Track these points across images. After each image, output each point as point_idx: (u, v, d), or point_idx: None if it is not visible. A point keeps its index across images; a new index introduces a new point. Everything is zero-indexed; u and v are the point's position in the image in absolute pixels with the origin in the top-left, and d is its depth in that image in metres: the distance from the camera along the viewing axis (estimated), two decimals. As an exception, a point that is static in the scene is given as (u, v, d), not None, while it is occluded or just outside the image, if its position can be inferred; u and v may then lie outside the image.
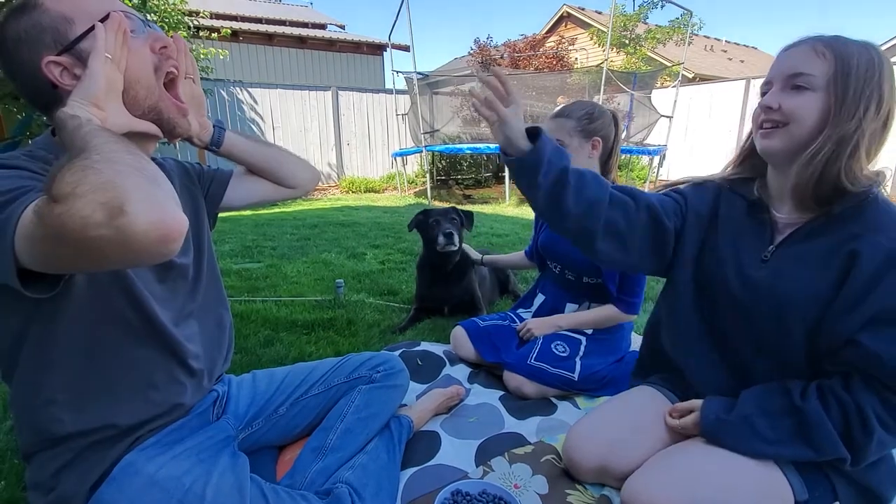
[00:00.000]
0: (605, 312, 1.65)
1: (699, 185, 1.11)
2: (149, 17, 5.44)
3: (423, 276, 2.26)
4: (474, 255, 2.29)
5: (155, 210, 0.50)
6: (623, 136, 8.00)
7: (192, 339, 0.95)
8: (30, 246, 0.54)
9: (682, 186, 1.13)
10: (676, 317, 1.09)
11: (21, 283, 0.58)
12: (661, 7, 10.24)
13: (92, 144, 0.54)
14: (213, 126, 1.05)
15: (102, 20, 0.72)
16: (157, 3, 5.56)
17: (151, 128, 0.79)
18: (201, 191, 1.09)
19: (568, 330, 1.67)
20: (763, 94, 0.92)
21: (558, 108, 1.63)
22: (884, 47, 10.04)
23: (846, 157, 0.83)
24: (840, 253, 0.84)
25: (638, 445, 1.04)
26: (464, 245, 2.31)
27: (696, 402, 1.01)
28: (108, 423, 0.82)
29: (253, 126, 8.20)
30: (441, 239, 2.08)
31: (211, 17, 8.39)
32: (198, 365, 0.96)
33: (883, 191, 0.88)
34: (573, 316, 1.69)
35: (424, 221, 2.18)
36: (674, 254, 1.07)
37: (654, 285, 2.76)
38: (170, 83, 0.82)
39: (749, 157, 1.01)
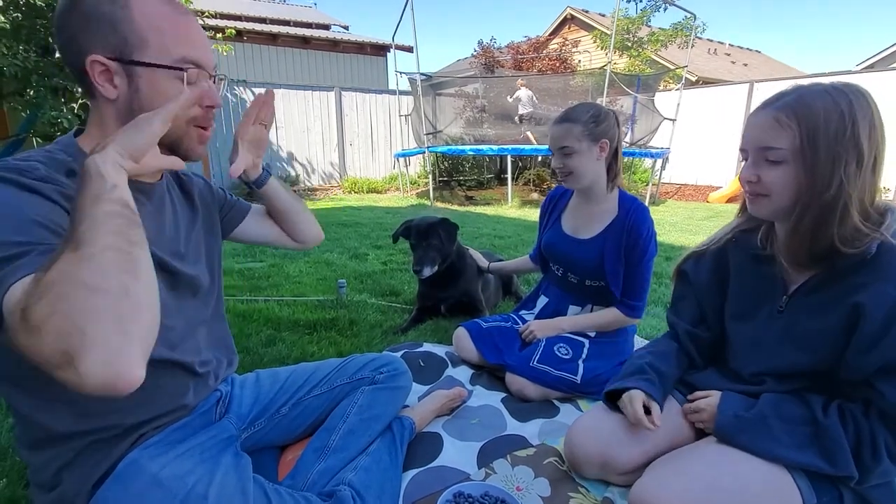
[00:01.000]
0: (609, 316, 1.65)
1: (698, 259, 1.12)
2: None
3: None
4: (481, 262, 2.30)
5: (109, 367, 0.50)
6: (626, 138, 8.05)
7: (199, 345, 0.96)
8: (8, 324, 0.54)
9: (684, 266, 1.15)
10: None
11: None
12: (664, 10, 10.24)
13: (90, 241, 0.53)
14: (263, 169, 1.10)
15: (177, 67, 0.73)
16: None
17: (177, 163, 0.76)
18: (219, 213, 1.11)
19: (571, 333, 1.67)
20: (744, 159, 0.92)
21: (562, 111, 1.62)
22: (884, 54, 9.95)
23: (836, 223, 0.82)
24: (847, 303, 0.84)
25: (640, 440, 1.05)
26: (470, 251, 2.32)
27: (714, 392, 1.01)
28: (111, 424, 0.82)
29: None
30: (414, 269, 2.10)
31: (216, 17, 8.41)
32: (203, 369, 0.96)
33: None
34: (576, 319, 1.69)
35: (406, 236, 2.20)
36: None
37: (656, 288, 2.75)
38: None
39: None
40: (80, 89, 0.89)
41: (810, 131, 0.80)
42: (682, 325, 1.13)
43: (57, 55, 4.84)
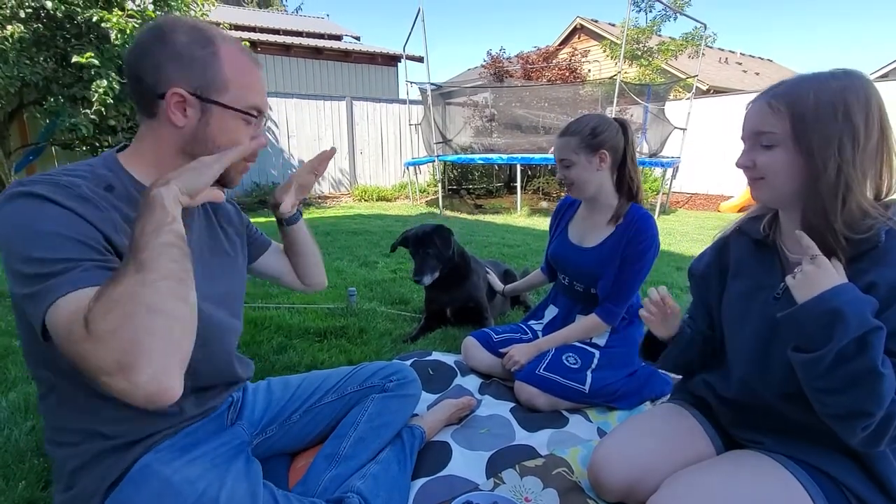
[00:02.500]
0: (587, 323, 1.65)
1: (702, 255, 1.14)
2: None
3: None
4: (496, 286, 2.33)
5: (156, 382, 0.58)
6: (638, 148, 8.01)
7: (226, 356, 1.01)
8: (55, 332, 0.62)
9: (691, 266, 1.16)
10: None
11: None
12: (674, 19, 10.25)
13: (153, 268, 0.61)
14: (297, 209, 1.18)
15: (247, 112, 0.82)
16: (178, 16, 5.71)
17: (218, 196, 0.82)
18: (245, 240, 1.15)
19: (583, 343, 1.67)
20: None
21: (566, 124, 1.64)
22: (887, 69, 9.80)
23: (840, 208, 0.81)
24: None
25: (667, 471, 1.01)
26: (490, 275, 2.35)
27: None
28: (131, 438, 0.86)
29: (268, 134, 8.34)
30: (414, 278, 2.14)
31: (230, 29, 8.57)
32: (226, 377, 1.01)
33: None
34: (555, 335, 1.70)
35: (405, 246, 2.24)
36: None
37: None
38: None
39: None
40: (135, 105, 0.92)
41: (799, 114, 0.82)
42: (696, 327, 1.13)
43: (74, 61, 4.93)
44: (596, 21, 14.19)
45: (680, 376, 1.23)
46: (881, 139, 0.81)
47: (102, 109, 5.24)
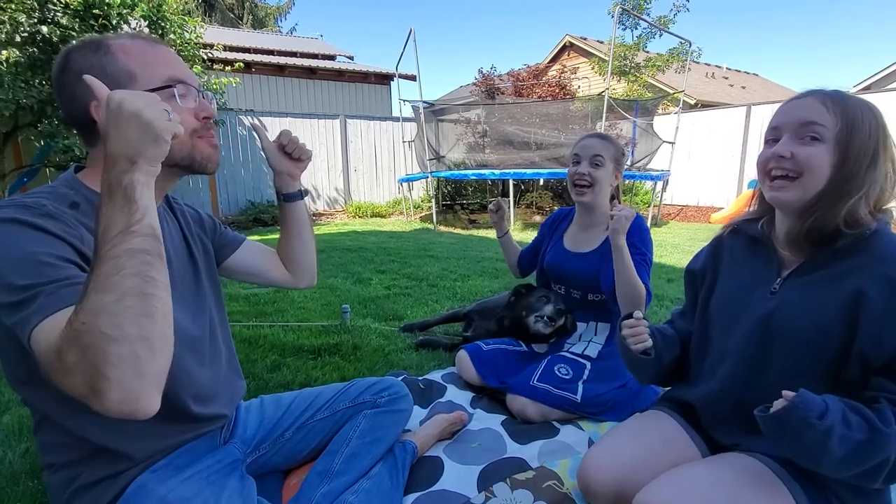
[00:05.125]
0: (640, 285, 1.58)
1: (697, 257, 1.18)
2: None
3: None
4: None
5: (126, 403, 0.59)
6: (627, 161, 8.13)
7: (214, 383, 1.01)
8: (40, 362, 0.63)
9: (690, 265, 1.20)
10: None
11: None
12: (659, 36, 10.49)
13: (111, 287, 0.57)
14: (299, 189, 1.17)
15: (165, 87, 0.79)
16: (173, 38, 5.80)
17: (177, 129, 0.80)
18: (211, 242, 1.12)
19: (574, 355, 1.70)
20: (767, 140, 0.94)
21: (596, 132, 1.81)
22: (880, 75, 10.04)
23: (846, 207, 0.86)
24: (845, 285, 0.86)
25: (653, 471, 1.03)
26: None
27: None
28: (130, 457, 0.87)
29: (262, 153, 8.39)
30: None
31: (225, 50, 8.69)
32: (218, 408, 1.02)
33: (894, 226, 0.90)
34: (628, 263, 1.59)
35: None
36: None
37: (657, 310, 2.77)
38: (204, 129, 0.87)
39: (762, 201, 1.06)
40: (81, 138, 0.93)
41: (850, 119, 0.88)
42: (683, 327, 1.16)
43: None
44: (585, 38, 14.48)
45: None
46: (890, 160, 0.90)
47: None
